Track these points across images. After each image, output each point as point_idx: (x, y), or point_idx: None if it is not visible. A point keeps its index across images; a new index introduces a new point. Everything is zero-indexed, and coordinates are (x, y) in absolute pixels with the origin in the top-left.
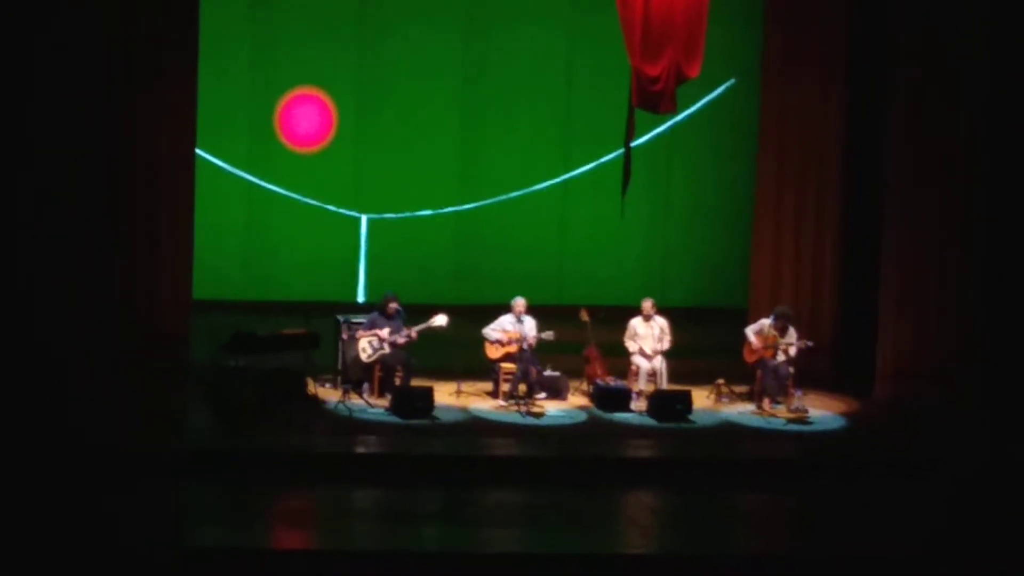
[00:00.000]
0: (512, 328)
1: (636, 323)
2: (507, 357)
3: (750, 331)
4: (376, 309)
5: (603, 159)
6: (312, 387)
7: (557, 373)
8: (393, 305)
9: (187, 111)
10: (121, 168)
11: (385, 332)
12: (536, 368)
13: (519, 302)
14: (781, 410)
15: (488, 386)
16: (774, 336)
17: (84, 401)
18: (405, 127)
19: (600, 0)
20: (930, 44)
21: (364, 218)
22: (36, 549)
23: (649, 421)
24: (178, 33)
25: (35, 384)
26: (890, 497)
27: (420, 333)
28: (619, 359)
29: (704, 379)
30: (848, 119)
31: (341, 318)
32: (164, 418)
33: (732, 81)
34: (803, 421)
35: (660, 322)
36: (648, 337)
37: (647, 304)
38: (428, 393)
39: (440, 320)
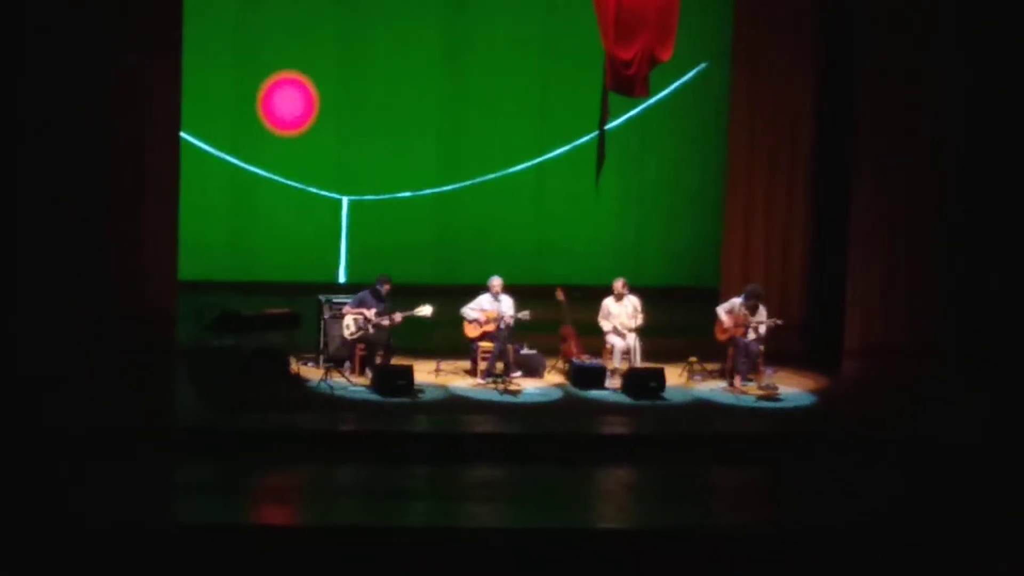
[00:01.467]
0: (490, 307)
1: (609, 303)
2: (485, 336)
3: (721, 310)
4: (369, 289)
5: (578, 141)
6: (295, 366)
7: (534, 351)
8: (387, 287)
9: (172, 93)
10: (107, 147)
11: (371, 313)
12: (513, 347)
13: (496, 281)
14: (752, 387)
15: (467, 364)
16: (745, 315)
17: (71, 380)
18: (385, 111)
19: None
20: (898, 23)
21: (345, 200)
22: (25, 530)
23: (624, 398)
24: (163, 15)
25: (20, 364)
26: (857, 472)
27: (405, 318)
28: (594, 338)
29: (677, 357)
30: (819, 101)
31: (323, 298)
32: (151, 397)
33: (704, 65)
34: (773, 398)
35: (633, 300)
36: (621, 315)
37: (618, 284)
38: (408, 371)
39: (425, 310)
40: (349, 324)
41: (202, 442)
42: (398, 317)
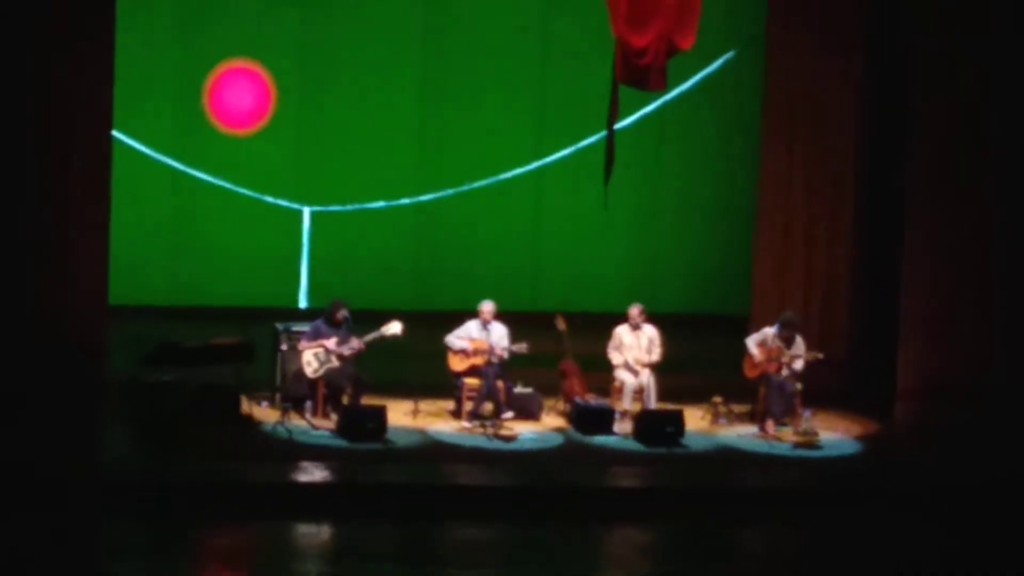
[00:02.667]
0: (478, 337)
1: (622, 331)
2: (472, 370)
3: (752, 342)
4: (322, 317)
5: (583, 143)
6: (247, 406)
7: (529, 390)
8: (343, 313)
9: (103, 87)
10: (26, 152)
11: (332, 343)
12: (505, 383)
13: (487, 307)
14: (787, 432)
15: (450, 404)
16: (779, 347)
17: None
18: (355, 105)
19: None
20: (962, 11)
21: (307, 211)
22: None
23: (635, 445)
24: None
25: None
26: (909, 534)
27: (370, 343)
28: (601, 374)
29: (699, 397)
30: (866, 100)
31: (280, 326)
32: (78, 442)
33: (731, 54)
34: (812, 445)
35: (649, 331)
36: (635, 348)
37: (635, 310)
38: (380, 413)
39: (394, 328)
40: (310, 361)
41: (136, 494)
42: (362, 344)
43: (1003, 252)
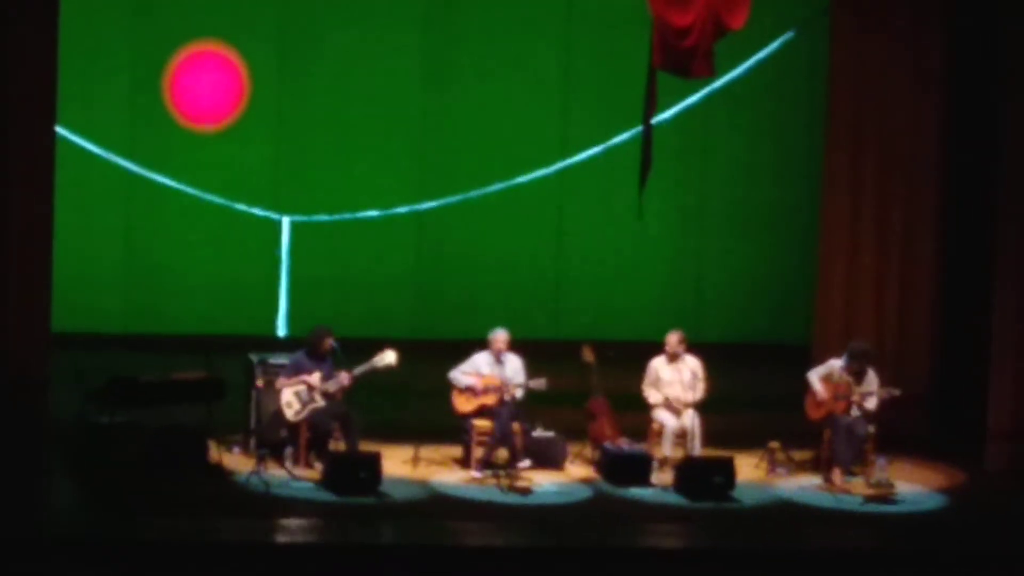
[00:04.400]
0: (489, 371)
1: (658, 365)
2: (482, 411)
3: (815, 376)
4: (304, 347)
5: (613, 141)
6: (216, 452)
7: (550, 433)
8: (328, 343)
9: (45, 76)
10: None
11: (315, 379)
12: (522, 426)
13: (500, 336)
14: (858, 484)
15: (457, 451)
16: (848, 383)
17: None
18: (343, 96)
19: None
20: None
21: (286, 221)
22: None
23: (677, 499)
24: None
25: None
26: None
27: (360, 378)
28: (636, 414)
29: (752, 441)
30: (951, 91)
31: (255, 358)
32: (15, 494)
33: (790, 35)
34: (887, 499)
35: (691, 363)
36: (675, 384)
37: (673, 338)
38: (374, 461)
39: (387, 358)
40: (291, 401)
41: (84, 557)
42: (347, 380)
43: None
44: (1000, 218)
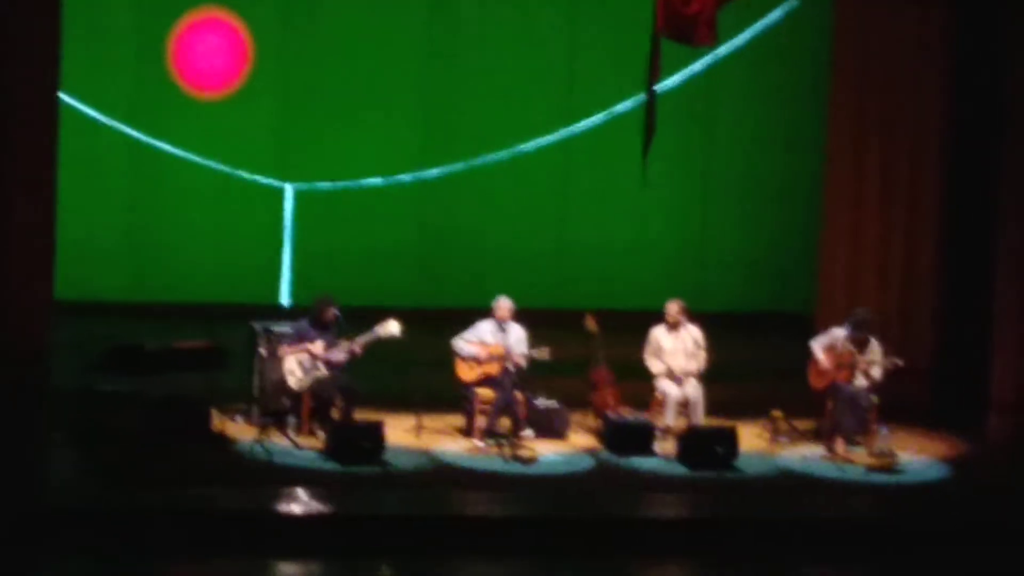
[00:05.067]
0: (492, 340)
1: (659, 334)
2: (485, 380)
3: (818, 345)
4: (307, 317)
5: (617, 108)
6: (218, 421)
7: (553, 403)
8: (332, 312)
9: (48, 40)
10: None
11: (319, 347)
12: (525, 395)
13: (503, 304)
14: (860, 453)
15: (459, 420)
16: (851, 352)
17: None
18: (346, 62)
19: None
20: None
21: (289, 188)
22: None
23: (679, 469)
24: None
25: None
26: (1005, 571)
27: (365, 347)
28: (639, 383)
29: (755, 411)
30: (954, 61)
31: (258, 326)
32: (16, 464)
33: (795, 2)
34: (890, 469)
35: (693, 332)
36: (677, 353)
37: (673, 308)
38: (377, 430)
39: (390, 327)
40: (294, 369)
41: (86, 526)
42: (358, 348)
43: None
44: (1002, 188)
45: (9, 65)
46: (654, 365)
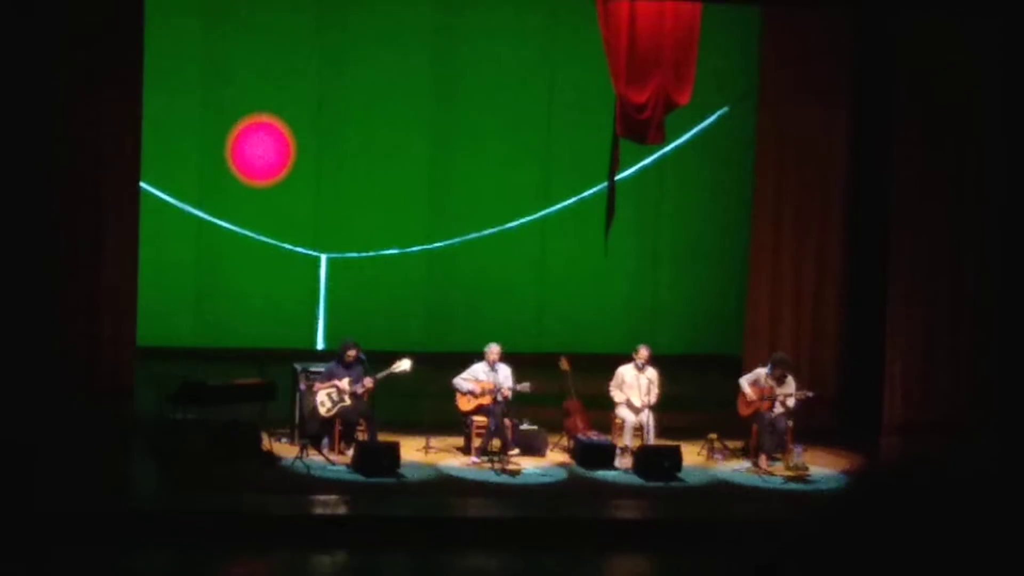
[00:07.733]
0: (485, 378)
1: (625, 371)
2: (480, 409)
3: (745, 381)
4: (334, 358)
5: (586, 193)
6: (267, 442)
7: (534, 427)
8: (352, 353)
9: (131, 138)
10: (59, 199)
11: (344, 383)
12: (511, 421)
13: (493, 349)
14: (779, 467)
15: (459, 441)
16: (771, 387)
17: (15, 460)
18: (369, 157)
19: (584, 16)
20: (933, 66)
21: (324, 257)
22: None
23: (635, 479)
24: (121, 51)
25: None
26: (897, 561)
27: (380, 381)
28: (602, 412)
29: (695, 434)
30: (853, 153)
31: (299, 367)
32: (106, 477)
33: (725, 109)
34: (803, 479)
35: (651, 374)
36: (635, 389)
37: (644, 351)
38: (394, 449)
39: (403, 365)
40: (324, 401)
41: (161, 526)
42: (370, 382)
43: (982, 298)
44: (890, 249)
45: (101, 158)
46: (617, 395)
